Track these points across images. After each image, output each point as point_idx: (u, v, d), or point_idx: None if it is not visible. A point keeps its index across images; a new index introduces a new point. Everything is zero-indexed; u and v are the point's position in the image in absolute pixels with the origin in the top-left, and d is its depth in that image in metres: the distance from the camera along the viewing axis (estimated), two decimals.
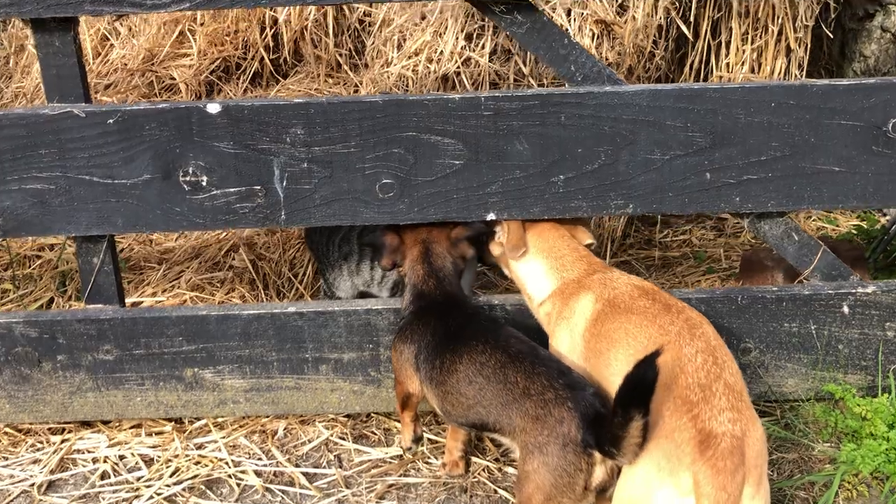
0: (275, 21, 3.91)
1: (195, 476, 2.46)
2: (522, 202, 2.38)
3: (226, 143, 2.31)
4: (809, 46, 3.60)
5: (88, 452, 2.58)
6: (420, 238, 2.42)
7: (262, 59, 3.96)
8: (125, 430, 2.65)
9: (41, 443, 2.61)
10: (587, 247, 2.40)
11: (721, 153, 2.35)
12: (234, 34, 3.98)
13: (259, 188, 2.36)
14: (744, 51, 3.50)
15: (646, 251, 3.70)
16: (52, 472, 2.49)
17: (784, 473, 2.40)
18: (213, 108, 2.28)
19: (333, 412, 2.65)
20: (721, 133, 2.33)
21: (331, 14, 3.85)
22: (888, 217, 3.81)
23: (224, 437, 2.60)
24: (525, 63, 3.33)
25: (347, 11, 3.90)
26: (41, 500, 2.40)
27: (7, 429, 2.65)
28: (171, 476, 2.45)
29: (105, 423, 2.67)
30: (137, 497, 2.39)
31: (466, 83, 3.36)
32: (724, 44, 3.53)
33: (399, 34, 3.44)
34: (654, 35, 3.39)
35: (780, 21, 3.46)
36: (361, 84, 3.70)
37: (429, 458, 2.53)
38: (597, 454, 1.89)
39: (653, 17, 3.39)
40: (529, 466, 1.95)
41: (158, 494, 2.39)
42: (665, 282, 3.43)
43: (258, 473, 2.48)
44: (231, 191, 2.36)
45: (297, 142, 2.31)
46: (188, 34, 4.02)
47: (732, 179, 2.38)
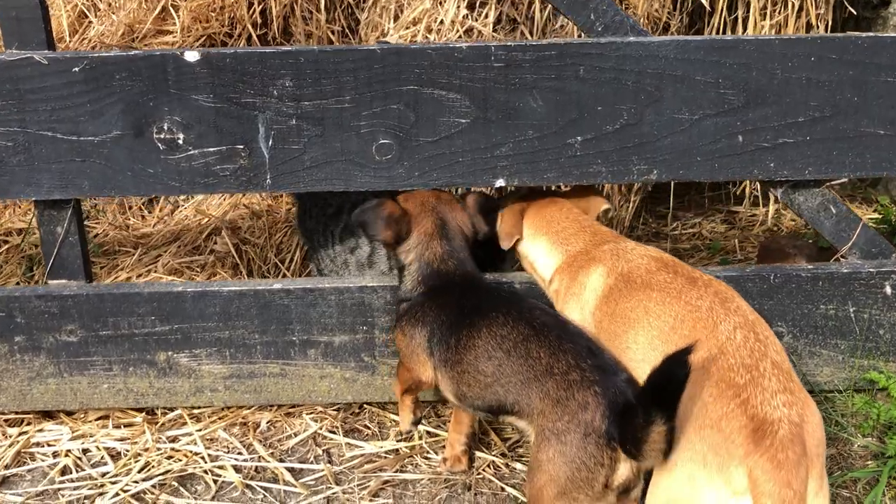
0: None
1: (167, 472, 2.20)
2: (535, 167, 2.15)
3: (205, 97, 2.07)
4: (830, 24, 3.41)
5: (49, 446, 2.32)
6: (429, 207, 2.12)
7: (250, 37, 3.75)
8: (90, 422, 2.40)
9: None
10: (604, 213, 2.17)
11: (755, 113, 2.12)
12: (220, 10, 3.76)
13: (242, 147, 2.12)
14: (762, 27, 3.30)
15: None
16: (7, 468, 2.24)
17: None
18: (192, 57, 2.05)
19: (322, 402, 2.40)
20: (755, 91, 2.11)
21: None
22: None
23: (201, 430, 2.35)
24: (532, 33, 3.10)
25: None
26: None
27: None
28: (140, 472, 2.20)
29: (68, 414, 2.41)
30: (102, 494, 2.13)
31: None
32: (742, 20, 3.33)
33: (396, 4, 3.21)
34: (670, 6, 3.18)
35: None
36: None
37: (428, 453, 2.28)
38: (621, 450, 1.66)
39: None
40: (544, 455, 1.72)
41: (125, 491, 2.13)
42: None
43: (237, 469, 2.22)
44: (210, 150, 2.12)
45: (285, 96, 2.08)
46: (171, 10, 3.80)
47: (767, 143, 2.15)
